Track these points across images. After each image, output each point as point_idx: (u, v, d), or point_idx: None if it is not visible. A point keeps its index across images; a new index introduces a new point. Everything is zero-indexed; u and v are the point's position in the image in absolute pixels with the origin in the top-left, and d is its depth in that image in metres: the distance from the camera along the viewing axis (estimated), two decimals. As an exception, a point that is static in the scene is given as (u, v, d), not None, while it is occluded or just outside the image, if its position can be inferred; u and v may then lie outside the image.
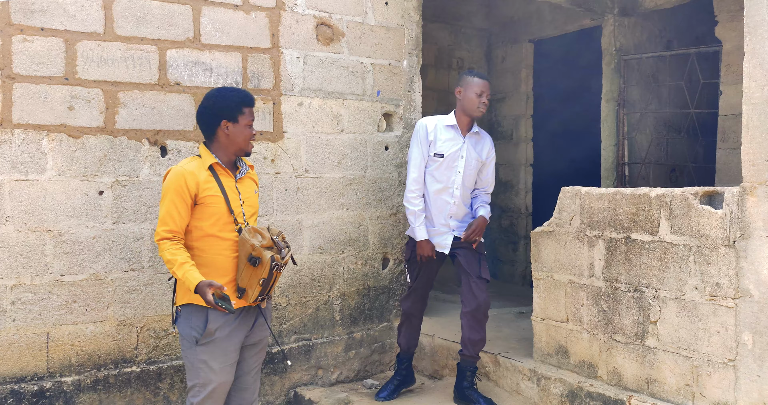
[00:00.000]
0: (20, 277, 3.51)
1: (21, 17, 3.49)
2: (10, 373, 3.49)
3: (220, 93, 3.06)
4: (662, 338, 3.36)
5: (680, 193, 3.28)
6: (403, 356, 4.32)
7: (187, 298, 2.91)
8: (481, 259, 4.07)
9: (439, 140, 4.02)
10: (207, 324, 2.88)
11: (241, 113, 3.00)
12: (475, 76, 4.01)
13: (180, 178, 2.89)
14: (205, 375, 2.90)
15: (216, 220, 2.93)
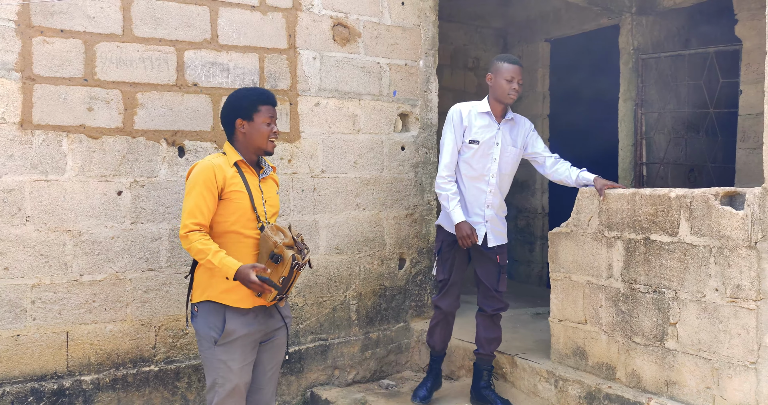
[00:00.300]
0: (40, 277, 3.54)
1: (41, 19, 3.52)
2: (30, 372, 3.52)
3: (237, 92, 3.08)
4: (682, 340, 3.33)
5: (700, 194, 3.25)
6: (437, 357, 4.21)
7: (205, 296, 2.91)
8: (501, 272, 3.97)
9: (474, 126, 3.89)
10: (225, 324, 2.88)
11: (256, 111, 2.99)
12: (505, 61, 3.87)
13: (209, 171, 2.88)
14: (225, 374, 2.89)
15: (239, 216, 2.91)
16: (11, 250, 3.46)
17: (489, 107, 3.93)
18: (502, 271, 3.99)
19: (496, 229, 3.97)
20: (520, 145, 4.01)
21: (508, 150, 3.95)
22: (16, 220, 3.48)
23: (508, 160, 3.96)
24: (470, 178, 3.93)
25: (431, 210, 4.92)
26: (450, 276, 3.97)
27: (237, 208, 2.92)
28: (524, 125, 4.06)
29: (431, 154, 4.90)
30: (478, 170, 3.91)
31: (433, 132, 4.92)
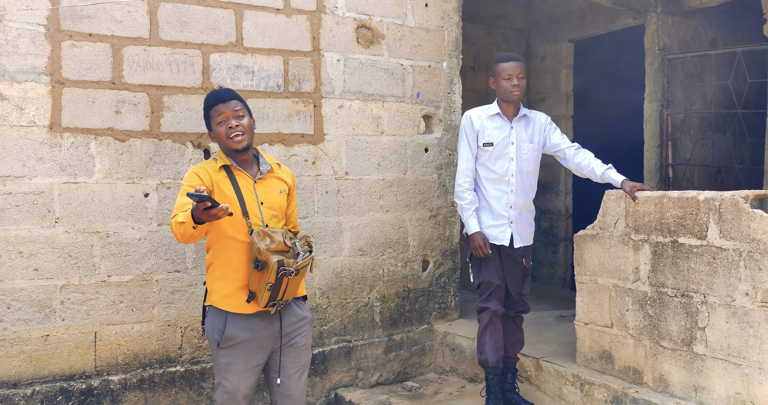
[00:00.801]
0: (69, 278, 3.58)
1: (70, 23, 3.57)
2: (59, 371, 3.57)
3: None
4: (711, 345, 3.29)
5: (730, 197, 3.20)
6: (492, 372, 3.93)
7: (210, 300, 2.91)
8: (526, 275, 3.95)
9: (486, 129, 3.89)
10: (225, 329, 2.86)
11: (210, 118, 2.94)
12: (500, 61, 3.86)
13: (193, 174, 2.86)
14: (226, 377, 2.88)
15: (231, 221, 2.83)
16: (41, 251, 3.51)
17: (499, 109, 3.92)
18: (526, 273, 3.97)
19: (522, 229, 3.93)
20: (537, 140, 3.95)
21: (525, 147, 3.91)
22: (46, 221, 3.53)
23: (526, 158, 3.91)
24: (490, 181, 3.90)
25: (454, 212, 4.91)
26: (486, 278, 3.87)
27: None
28: (539, 120, 3.99)
29: (455, 155, 4.89)
30: (497, 172, 3.88)
31: (456, 134, 4.91)
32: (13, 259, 3.45)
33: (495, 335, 3.90)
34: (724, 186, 6.09)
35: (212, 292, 2.90)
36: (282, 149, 4.17)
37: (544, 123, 4.00)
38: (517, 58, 3.91)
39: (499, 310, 3.87)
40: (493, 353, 3.89)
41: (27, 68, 3.47)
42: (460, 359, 4.66)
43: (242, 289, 2.85)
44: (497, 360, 3.89)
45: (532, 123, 3.97)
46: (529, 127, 3.96)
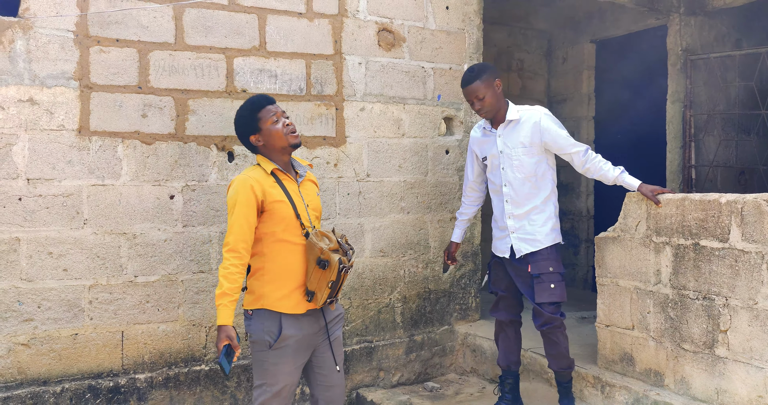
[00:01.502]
0: (97, 278, 3.67)
1: (98, 29, 3.65)
2: (87, 369, 3.65)
3: (236, 115, 3.12)
4: (733, 348, 3.28)
5: (752, 200, 3.19)
6: (504, 375, 4.01)
7: (259, 304, 2.97)
8: (535, 282, 3.69)
9: (480, 144, 3.91)
10: (281, 330, 2.93)
11: (259, 120, 3.02)
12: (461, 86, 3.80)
13: (246, 186, 2.91)
14: (275, 376, 2.96)
15: (286, 226, 2.95)
16: (70, 252, 3.60)
17: (485, 122, 3.88)
18: (536, 281, 3.70)
19: (526, 237, 3.75)
20: (530, 142, 3.71)
21: (514, 153, 3.73)
22: (75, 223, 3.61)
23: (519, 164, 3.73)
24: (493, 193, 3.93)
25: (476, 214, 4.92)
26: (492, 289, 4.00)
27: (282, 218, 2.95)
28: (532, 119, 3.72)
29: (475, 157, 4.91)
30: (495, 183, 3.88)
31: (477, 135, 4.93)
32: (44, 259, 3.54)
33: (506, 342, 4.01)
34: (748, 187, 6.04)
35: (262, 296, 2.96)
36: (304, 152, 4.22)
37: (537, 121, 3.72)
38: (470, 79, 3.69)
39: (505, 319, 3.95)
40: (504, 357, 4.02)
41: (56, 73, 3.56)
42: (481, 360, 4.69)
43: (296, 290, 2.97)
44: (508, 364, 4.00)
45: (519, 126, 3.75)
46: (519, 130, 3.74)
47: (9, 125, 3.46)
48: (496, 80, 3.70)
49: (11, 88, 3.46)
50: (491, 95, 3.69)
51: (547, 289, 3.68)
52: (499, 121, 3.79)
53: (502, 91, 3.77)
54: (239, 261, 2.89)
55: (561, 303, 3.73)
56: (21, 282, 3.50)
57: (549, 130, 3.72)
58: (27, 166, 3.50)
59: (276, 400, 3.00)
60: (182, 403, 3.86)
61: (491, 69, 3.75)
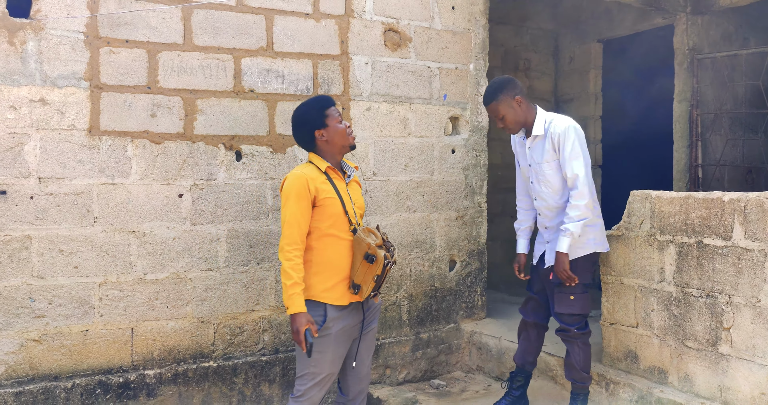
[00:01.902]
0: (107, 275, 3.72)
1: (107, 30, 3.70)
2: (98, 365, 3.71)
3: (301, 108, 3.26)
4: (736, 345, 3.30)
5: (755, 198, 3.21)
6: (516, 372, 4.01)
7: (306, 295, 3.07)
8: (555, 291, 3.69)
9: (517, 151, 3.89)
10: (326, 318, 3.06)
11: (326, 117, 3.18)
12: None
13: (302, 181, 3.06)
14: (318, 364, 3.08)
15: (335, 221, 3.11)
16: (80, 249, 3.66)
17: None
18: (557, 290, 3.69)
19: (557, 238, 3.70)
20: (552, 157, 3.63)
21: (541, 168, 3.68)
22: (85, 221, 3.67)
23: (542, 179, 3.69)
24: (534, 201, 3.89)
25: (481, 212, 4.96)
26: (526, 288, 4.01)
27: (331, 213, 3.10)
28: (555, 132, 3.61)
29: (481, 156, 4.94)
30: (530, 194, 3.88)
31: (483, 135, 4.96)
32: (55, 257, 3.60)
33: (526, 341, 4.00)
34: (755, 186, 6.04)
35: (309, 287, 3.09)
36: (311, 151, 4.26)
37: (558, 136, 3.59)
38: (487, 100, 3.69)
39: (530, 320, 3.95)
40: (520, 355, 4.02)
41: (67, 74, 3.61)
42: (487, 358, 4.71)
43: (341, 283, 3.11)
44: (523, 363, 4.00)
45: (544, 140, 3.67)
46: (545, 144, 3.66)
47: (21, 125, 3.52)
48: (515, 98, 3.63)
49: (23, 88, 3.52)
50: (511, 114, 3.66)
51: (566, 300, 3.66)
52: (529, 132, 3.73)
53: (527, 104, 3.69)
54: (300, 252, 3.05)
55: (582, 315, 3.68)
56: (33, 279, 3.56)
57: (562, 142, 3.58)
58: (38, 165, 3.56)
59: (317, 389, 3.12)
60: (190, 399, 3.91)
61: (509, 86, 3.66)
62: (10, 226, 3.51)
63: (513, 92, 3.66)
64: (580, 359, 3.71)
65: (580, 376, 3.73)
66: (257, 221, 4.11)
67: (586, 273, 3.69)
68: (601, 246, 3.74)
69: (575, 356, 3.72)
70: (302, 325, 2.96)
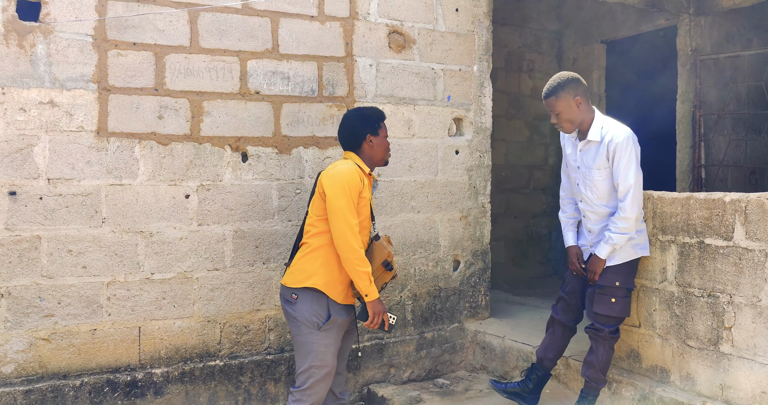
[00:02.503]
0: (115, 275, 3.77)
1: (115, 33, 3.75)
2: (106, 364, 3.76)
3: (361, 111, 3.46)
4: (737, 344, 3.33)
5: (756, 198, 3.24)
6: (535, 365, 3.97)
7: (309, 282, 3.17)
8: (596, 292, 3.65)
9: (567, 150, 3.84)
10: (330, 312, 3.18)
11: (380, 127, 3.39)
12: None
13: (356, 176, 3.20)
14: (324, 357, 3.17)
15: (361, 221, 3.23)
16: (89, 249, 3.71)
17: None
18: (599, 291, 3.64)
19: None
20: (604, 165, 3.56)
21: (590, 173, 3.63)
22: (93, 221, 3.72)
23: (590, 185, 3.64)
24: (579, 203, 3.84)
25: (485, 213, 4.99)
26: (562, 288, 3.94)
27: (361, 213, 3.24)
28: (610, 143, 3.54)
29: (485, 157, 4.98)
30: (576, 195, 3.83)
31: (487, 136, 4.99)
32: (63, 257, 3.65)
33: (551, 337, 3.95)
34: (759, 187, 6.06)
35: (315, 275, 3.18)
36: (316, 152, 4.31)
37: (616, 146, 3.52)
38: (547, 93, 3.64)
39: (555, 317, 3.90)
40: (542, 349, 3.97)
41: (76, 76, 3.66)
42: (491, 357, 4.75)
43: (343, 281, 3.22)
44: (542, 357, 3.96)
45: (592, 149, 3.62)
46: (597, 151, 3.60)
47: (30, 127, 3.57)
48: (576, 98, 3.57)
49: (32, 90, 3.57)
50: (568, 113, 3.60)
51: (606, 301, 3.63)
52: (584, 135, 3.67)
53: (586, 106, 3.63)
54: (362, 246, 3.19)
55: (619, 318, 3.66)
56: (42, 279, 3.61)
57: (619, 151, 3.52)
58: (47, 167, 3.61)
59: (323, 383, 3.19)
60: (197, 397, 3.96)
61: (572, 85, 3.60)
62: (19, 226, 3.56)
63: (575, 92, 3.59)
64: (602, 360, 3.69)
65: (596, 376, 3.71)
66: (263, 221, 4.15)
67: (629, 278, 3.67)
68: (644, 250, 3.70)
69: (599, 356, 3.69)
70: (385, 307, 3.20)
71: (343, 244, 3.08)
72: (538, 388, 3.96)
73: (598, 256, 3.60)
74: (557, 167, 7.60)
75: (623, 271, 3.63)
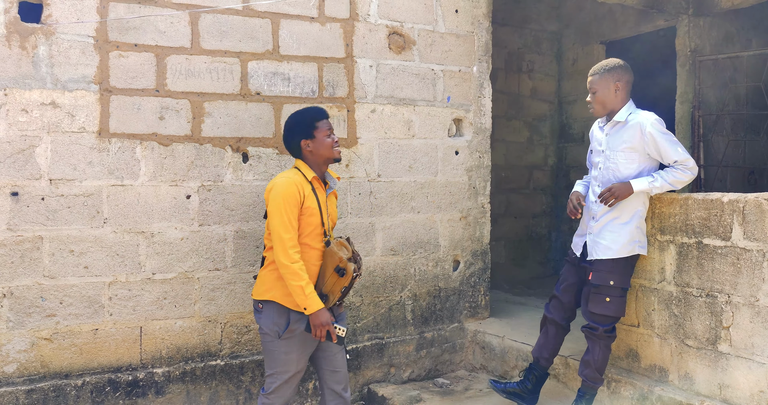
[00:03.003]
0: (116, 275, 3.79)
1: (117, 35, 3.77)
2: (107, 364, 3.78)
3: (292, 118, 3.38)
4: (735, 344, 3.35)
5: (753, 199, 3.26)
6: (532, 365, 4.00)
7: (269, 295, 3.23)
8: (593, 291, 3.68)
9: (594, 138, 3.87)
10: (289, 323, 3.19)
11: (315, 128, 3.29)
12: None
13: (293, 188, 3.16)
14: (285, 364, 3.24)
15: (311, 231, 3.22)
16: (90, 250, 3.73)
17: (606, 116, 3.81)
18: (594, 290, 3.68)
19: (601, 241, 3.67)
20: (630, 148, 3.61)
21: (614, 155, 3.66)
22: (95, 222, 3.74)
23: (614, 167, 3.66)
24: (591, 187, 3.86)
25: (485, 213, 5.01)
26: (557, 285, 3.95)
27: (309, 223, 3.22)
28: (635, 125, 3.60)
29: (485, 157, 5.00)
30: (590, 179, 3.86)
31: (486, 136, 5.01)
32: (65, 257, 3.67)
33: (544, 337, 3.97)
34: (758, 187, 6.08)
35: (273, 289, 3.21)
36: (316, 152, 4.33)
37: (643, 128, 3.57)
38: (592, 72, 3.74)
39: (548, 315, 3.92)
40: (537, 349, 4.00)
41: (77, 77, 3.69)
42: (490, 357, 4.77)
43: None
44: (538, 357, 3.98)
45: (623, 129, 3.66)
46: (618, 133, 3.68)
47: (32, 128, 3.59)
48: (616, 82, 3.66)
49: (34, 92, 3.59)
50: (603, 94, 3.68)
51: (602, 301, 3.66)
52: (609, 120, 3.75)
53: (624, 95, 3.70)
54: (300, 258, 3.14)
55: (615, 318, 3.68)
56: (44, 279, 3.63)
57: (654, 137, 3.55)
58: (49, 167, 3.63)
59: (287, 386, 3.28)
60: (198, 396, 3.98)
61: (617, 70, 3.68)
62: (21, 226, 3.58)
63: (617, 77, 3.67)
64: (599, 359, 3.72)
65: (593, 375, 3.73)
66: (263, 222, 4.17)
67: (624, 277, 3.69)
68: (642, 249, 3.72)
69: (595, 355, 3.72)
70: (329, 319, 3.12)
71: (277, 260, 3.12)
72: (536, 387, 3.98)
73: (631, 184, 3.58)
74: (557, 168, 7.62)
75: (619, 270, 3.65)
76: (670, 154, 3.55)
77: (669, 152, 3.55)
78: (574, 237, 3.91)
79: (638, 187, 3.58)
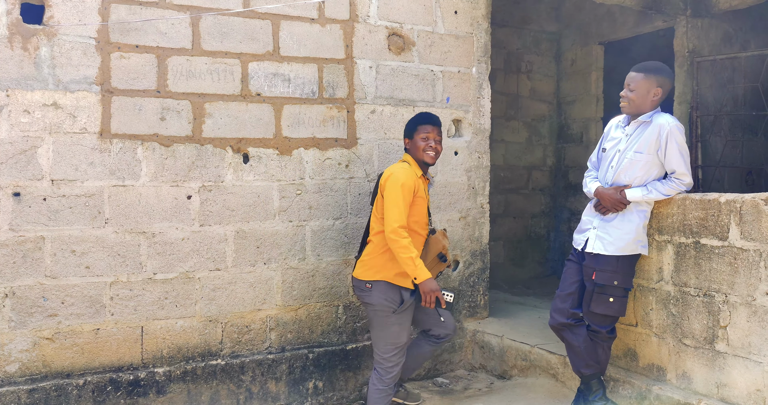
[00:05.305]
0: (118, 275, 3.82)
1: (118, 36, 3.79)
2: (109, 363, 3.80)
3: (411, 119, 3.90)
4: (732, 343, 3.38)
5: (750, 199, 3.29)
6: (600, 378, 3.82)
7: (380, 276, 3.68)
8: (595, 291, 3.65)
9: (609, 136, 3.83)
10: (402, 299, 3.67)
11: (415, 131, 3.80)
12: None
13: (411, 177, 3.65)
14: (398, 335, 3.70)
15: (418, 218, 3.71)
16: (92, 250, 3.75)
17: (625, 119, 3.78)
18: (597, 290, 3.65)
19: (605, 237, 3.67)
20: (647, 150, 3.59)
21: (628, 156, 3.65)
22: (96, 222, 3.76)
23: (626, 167, 3.65)
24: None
25: (484, 213, 5.03)
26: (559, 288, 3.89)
27: (417, 211, 3.69)
28: (656, 127, 3.58)
29: (484, 158, 5.02)
30: (600, 178, 3.83)
31: (485, 137, 5.03)
32: (67, 257, 3.69)
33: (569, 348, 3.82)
34: (755, 187, 6.11)
35: (383, 270, 3.68)
36: (317, 153, 4.35)
37: (662, 129, 3.55)
38: (638, 68, 3.68)
39: (554, 324, 3.81)
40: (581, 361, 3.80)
41: (79, 78, 3.71)
42: (489, 356, 4.79)
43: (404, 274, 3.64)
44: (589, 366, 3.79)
45: (645, 131, 3.63)
46: (644, 134, 3.63)
47: (34, 128, 3.62)
48: (657, 88, 3.60)
49: (36, 93, 3.61)
50: (640, 94, 3.62)
51: (605, 301, 3.64)
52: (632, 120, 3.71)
53: (657, 102, 3.64)
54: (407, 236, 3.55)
55: (615, 318, 3.70)
56: (45, 279, 3.65)
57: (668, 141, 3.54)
58: (51, 168, 3.65)
59: (400, 355, 3.75)
60: (199, 396, 4.00)
61: (661, 75, 3.63)
62: (23, 227, 3.60)
63: (660, 82, 3.63)
64: (602, 360, 3.77)
65: (588, 368, 3.75)
66: (264, 222, 4.20)
67: (628, 277, 3.69)
68: (644, 249, 3.72)
69: (599, 357, 3.76)
70: (437, 286, 3.57)
71: (390, 238, 3.54)
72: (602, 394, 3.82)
73: (626, 193, 3.62)
74: (556, 168, 7.65)
75: (622, 270, 3.66)
76: (672, 163, 3.56)
77: (673, 161, 3.55)
78: (575, 233, 3.93)
79: (632, 197, 3.63)
